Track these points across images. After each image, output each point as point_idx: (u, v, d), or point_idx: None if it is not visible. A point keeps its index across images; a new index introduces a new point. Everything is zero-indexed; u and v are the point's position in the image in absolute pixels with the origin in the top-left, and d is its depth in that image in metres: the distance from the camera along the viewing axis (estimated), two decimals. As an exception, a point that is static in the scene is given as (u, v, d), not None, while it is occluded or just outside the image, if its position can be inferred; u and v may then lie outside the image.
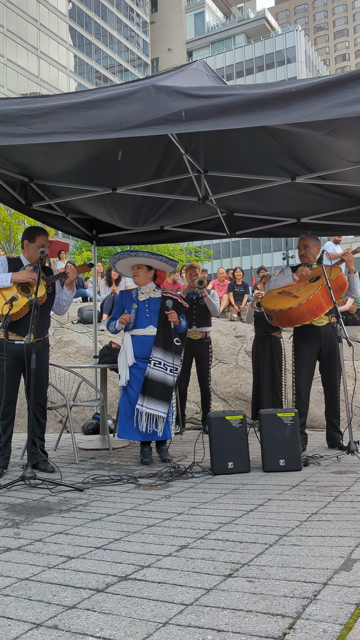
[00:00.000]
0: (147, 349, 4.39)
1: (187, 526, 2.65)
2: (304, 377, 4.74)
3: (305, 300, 4.49)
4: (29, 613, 1.71)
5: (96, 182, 5.06)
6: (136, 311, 4.47)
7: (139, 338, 4.43)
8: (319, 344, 4.73)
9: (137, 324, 4.46)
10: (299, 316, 4.57)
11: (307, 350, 4.73)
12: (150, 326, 4.43)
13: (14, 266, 4.21)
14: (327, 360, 4.78)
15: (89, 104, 3.05)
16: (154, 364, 4.33)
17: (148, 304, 4.50)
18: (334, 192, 5.19)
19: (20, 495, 3.39)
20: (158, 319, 4.44)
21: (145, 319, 4.45)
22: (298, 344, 4.79)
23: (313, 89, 2.82)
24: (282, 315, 4.62)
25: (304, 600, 1.73)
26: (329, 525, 2.56)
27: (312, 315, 4.57)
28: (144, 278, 4.57)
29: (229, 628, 1.56)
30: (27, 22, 52.29)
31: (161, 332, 4.40)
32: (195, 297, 6.10)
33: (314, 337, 4.73)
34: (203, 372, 6.07)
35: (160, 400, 4.31)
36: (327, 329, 4.75)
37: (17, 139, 3.09)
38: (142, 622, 1.62)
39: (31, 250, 4.23)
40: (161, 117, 2.95)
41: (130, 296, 4.58)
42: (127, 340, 4.44)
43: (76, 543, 2.43)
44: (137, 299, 4.53)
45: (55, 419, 6.90)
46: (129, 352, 4.39)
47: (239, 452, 3.93)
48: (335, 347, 4.78)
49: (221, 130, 3.83)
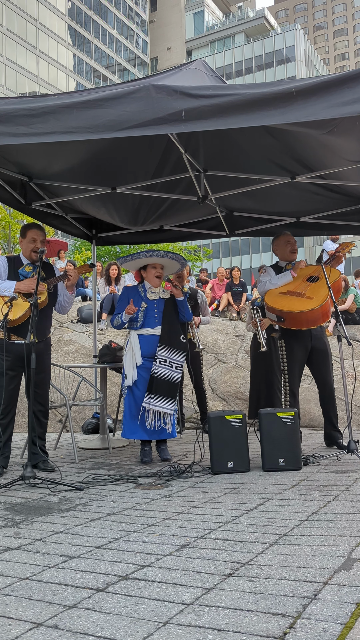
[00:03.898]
0: (154, 347, 4.41)
1: (187, 525, 2.65)
2: (297, 377, 4.74)
3: (324, 302, 4.46)
4: (29, 613, 1.71)
5: (96, 181, 5.06)
6: (145, 310, 4.47)
7: (147, 337, 4.44)
8: (309, 344, 4.72)
9: (146, 324, 4.46)
10: (315, 318, 4.50)
11: (299, 351, 4.71)
12: (158, 326, 4.44)
13: (13, 265, 4.21)
14: (319, 360, 4.76)
15: (89, 103, 3.05)
16: (160, 361, 4.33)
17: (157, 304, 4.51)
18: (333, 192, 5.20)
19: (20, 495, 3.39)
20: (162, 317, 4.45)
21: (154, 318, 4.46)
22: (290, 345, 4.74)
23: (313, 89, 2.82)
24: (300, 317, 4.51)
25: (304, 599, 1.74)
26: (329, 525, 2.56)
27: (325, 317, 4.54)
28: (161, 279, 4.60)
29: (230, 627, 1.56)
30: (27, 21, 52.26)
31: (166, 329, 4.41)
32: None
33: (305, 337, 4.71)
34: (195, 371, 6.05)
35: (167, 398, 4.33)
36: (317, 329, 4.75)
37: (16, 138, 3.09)
38: (142, 622, 1.62)
39: (24, 246, 4.24)
40: (161, 117, 2.95)
41: (138, 293, 4.55)
42: (134, 340, 4.43)
43: (76, 542, 2.43)
44: (147, 298, 4.52)
45: (55, 418, 6.90)
46: (137, 352, 4.39)
47: (239, 452, 3.93)
48: (325, 346, 4.77)
49: (221, 130, 3.83)
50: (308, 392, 6.70)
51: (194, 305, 6.05)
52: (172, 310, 4.50)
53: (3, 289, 4.06)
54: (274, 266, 4.93)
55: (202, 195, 4.90)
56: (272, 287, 4.78)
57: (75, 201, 5.55)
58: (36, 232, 4.22)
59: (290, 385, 4.73)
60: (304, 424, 6.47)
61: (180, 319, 4.53)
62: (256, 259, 55.76)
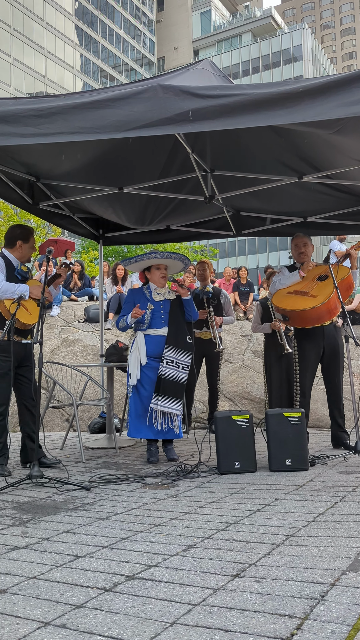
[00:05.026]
0: (160, 348, 4.42)
1: (194, 526, 2.65)
2: (309, 377, 4.73)
3: (326, 300, 4.46)
4: (37, 612, 1.72)
5: (103, 181, 5.07)
6: (152, 312, 4.49)
7: (154, 338, 4.45)
8: (322, 344, 4.72)
9: (152, 324, 4.47)
10: (319, 316, 4.52)
11: (312, 351, 4.72)
12: (165, 327, 4.46)
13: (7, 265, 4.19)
14: (330, 360, 4.76)
15: (96, 103, 3.06)
16: (167, 362, 4.35)
17: (163, 305, 4.52)
18: (340, 191, 5.18)
19: (27, 494, 3.40)
20: (169, 318, 4.46)
21: (160, 319, 4.48)
22: (302, 344, 4.75)
23: (320, 88, 2.82)
24: (303, 315, 4.53)
25: (311, 600, 1.73)
26: (336, 526, 2.56)
27: (330, 315, 4.53)
28: (166, 279, 4.62)
29: (237, 628, 1.56)
30: (34, 22, 52.40)
31: (172, 330, 4.43)
32: (206, 298, 6.04)
33: (317, 337, 4.70)
34: (213, 371, 6.04)
35: (174, 398, 4.35)
36: (330, 329, 4.74)
37: (25, 139, 3.10)
38: (149, 622, 1.62)
39: (25, 250, 4.23)
40: (168, 117, 2.95)
41: (143, 295, 4.57)
42: (140, 340, 4.45)
43: (83, 542, 2.44)
44: (153, 299, 4.54)
45: (62, 417, 6.92)
46: (142, 352, 4.40)
47: (246, 452, 3.93)
48: (338, 346, 4.76)
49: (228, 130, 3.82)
50: (315, 393, 6.68)
51: (217, 305, 6.03)
52: (178, 310, 4.53)
53: (19, 292, 4.08)
54: (290, 266, 4.96)
55: (209, 195, 4.90)
56: (281, 287, 4.82)
57: (83, 201, 5.56)
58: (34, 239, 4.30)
59: (301, 385, 4.73)
60: (311, 424, 6.46)
61: (186, 319, 4.56)
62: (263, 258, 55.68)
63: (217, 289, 6.17)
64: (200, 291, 6.04)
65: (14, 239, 4.21)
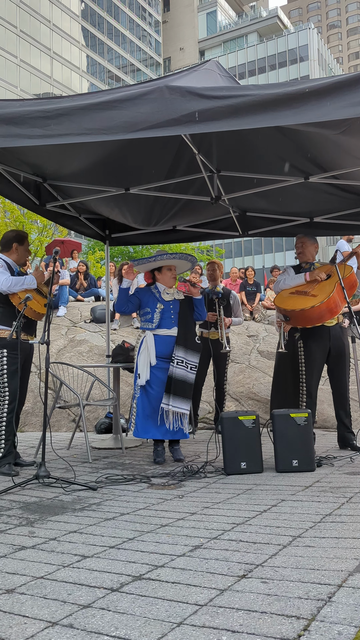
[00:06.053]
0: (169, 348, 4.43)
1: (201, 526, 2.65)
2: (315, 377, 4.73)
3: (326, 299, 4.46)
4: (44, 612, 1.72)
5: (109, 182, 5.08)
6: (161, 312, 4.50)
7: (163, 338, 4.46)
8: (328, 344, 4.71)
9: (162, 324, 4.48)
10: (319, 315, 4.52)
11: (318, 351, 4.71)
12: (175, 327, 4.47)
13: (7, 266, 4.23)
14: (336, 361, 4.75)
15: (103, 105, 3.07)
16: (177, 362, 4.36)
17: (172, 305, 4.53)
18: (347, 192, 5.17)
19: (34, 494, 3.41)
20: (178, 318, 4.48)
21: (170, 319, 4.49)
22: (308, 345, 4.75)
23: (326, 89, 2.81)
24: (304, 315, 4.55)
25: (318, 602, 1.73)
26: (343, 527, 2.55)
27: (331, 314, 4.53)
28: (175, 279, 4.65)
29: (244, 629, 1.56)
30: (40, 23, 52.56)
31: (182, 331, 4.45)
32: (216, 298, 6.04)
33: (324, 337, 4.70)
34: (220, 371, 6.04)
35: (184, 398, 4.37)
36: (336, 329, 4.73)
37: (32, 140, 3.11)
38: (156, 622, 1.63)
39: (21, 253, 4.30)
40: (174, 118, 2.95)
41: (152, 295, 4.57)
42: (149, 340, 4.45)
43: (90, 542, 2.45)
44: (162, 299, 4.55)
45: (69, 418, 6.94)
46: (152, 352, 4.41)
47: (252, 452, 3.93)
48: (344, 347, 4.75)
49: (234, 130, 3.83)
50: (321, 393, 6.66)
51: (227, 306, 6.04)
52: (187, 311, 4.54)
53: (28, 283, 4.13)
54: (295, 266, 4.96)
55: (215, 195, 4.90)
56: (284, 287, 4.83)
57: (89, 202, 5.57)
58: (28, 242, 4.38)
59: (307, 386, 4.73)
60: (317, 425, 6.44)
61: (195, 318, 4.58)
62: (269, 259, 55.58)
63: (226, 289, 6.18)
64: (210, 291, 6.07)
65: (10, 242, 4.28)
